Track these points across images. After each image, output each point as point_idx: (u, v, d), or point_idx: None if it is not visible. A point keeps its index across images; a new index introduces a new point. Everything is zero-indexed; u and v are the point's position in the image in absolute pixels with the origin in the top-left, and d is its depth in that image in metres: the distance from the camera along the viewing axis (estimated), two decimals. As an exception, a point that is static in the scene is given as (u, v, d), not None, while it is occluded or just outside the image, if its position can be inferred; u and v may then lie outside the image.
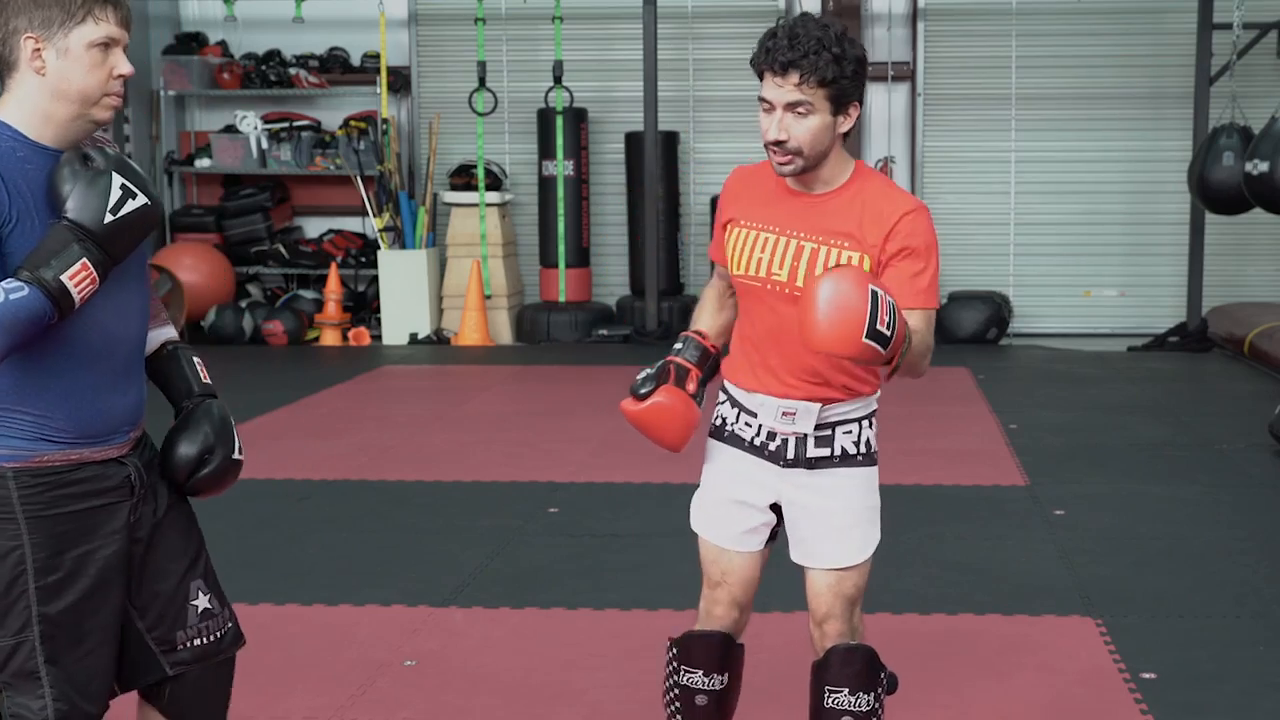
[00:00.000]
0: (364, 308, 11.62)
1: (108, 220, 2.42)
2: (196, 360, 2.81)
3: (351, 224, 12.12)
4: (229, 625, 2.79)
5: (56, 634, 2.52)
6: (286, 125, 11.83)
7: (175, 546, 2.71)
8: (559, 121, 11.20)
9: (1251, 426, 7.45)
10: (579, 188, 11.41)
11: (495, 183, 11.44)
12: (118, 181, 2.44)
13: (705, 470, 3.11)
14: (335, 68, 11.95)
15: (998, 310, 10.92)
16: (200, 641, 2.72)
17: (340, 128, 11.75)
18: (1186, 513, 5.98)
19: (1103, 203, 11.45)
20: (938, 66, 11.56)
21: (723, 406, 3.08)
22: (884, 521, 3.08)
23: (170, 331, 2.81)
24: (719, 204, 3.11)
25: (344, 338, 11.11)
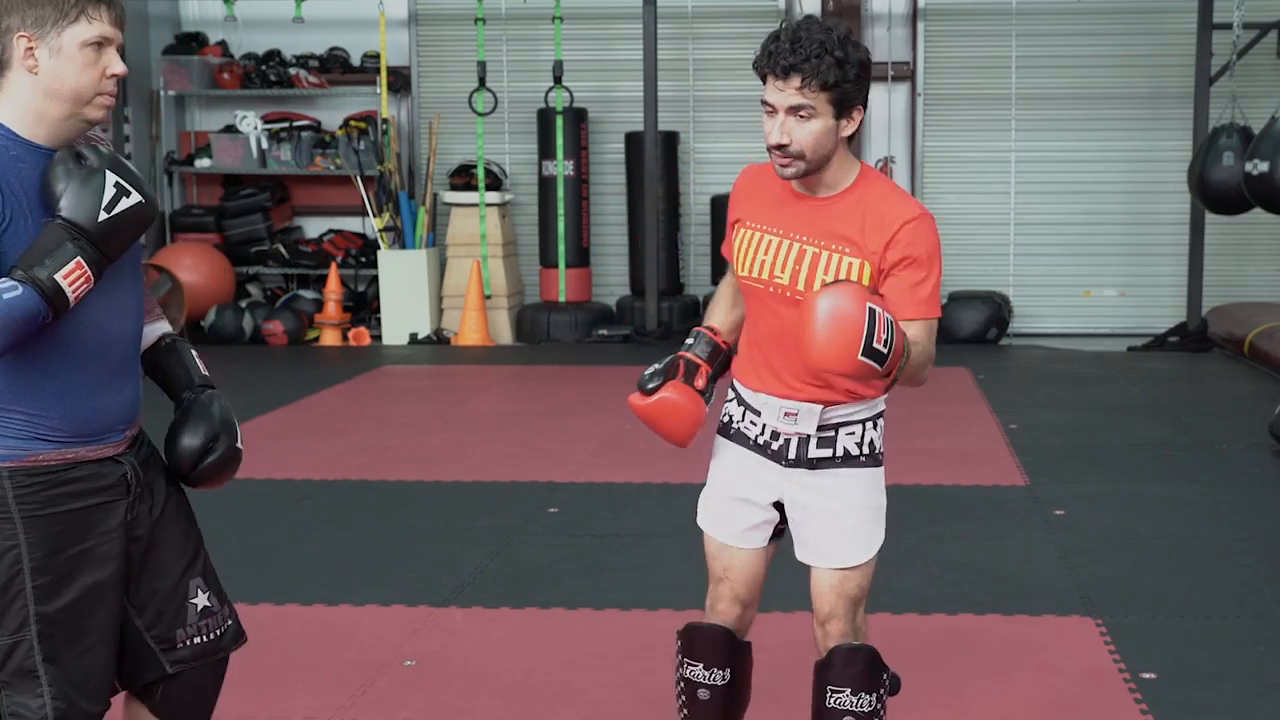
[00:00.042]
0: (364, 308, 11.61)
1: (102, 218, 2.42)
2: (194, 353, 2.82)
3: (351, 224, 12.11)
4: (229, 623, 2.80)
5: (54, 633, 2.52)
6: (286, 125, 11.82)
7: (174, 545, 2.71)
8: (559, 121, 11.20)
9: (1251, 426, 7.45)
10: (579, 188, 11.41)
11: (495, 183, 11.44)
12: (111, 179, 2.44)
13: (712, 466, 3.13)
14: (335, 68, 11.95)
15: (998, 310, 10.92)
16: (200, 640, 2.72)
17: (340, 128, 11.75)
18: (1186, 513, 5.98)
19: (1103, 203, 11.45)
20: (938, 66, 11.55)
21: (730, 404, 3.10)
22: (885, 522, 3.07)
23: (165, 325, 2.82)
24: (730, 202, 3.11)
25: (344, 338, 11.10)
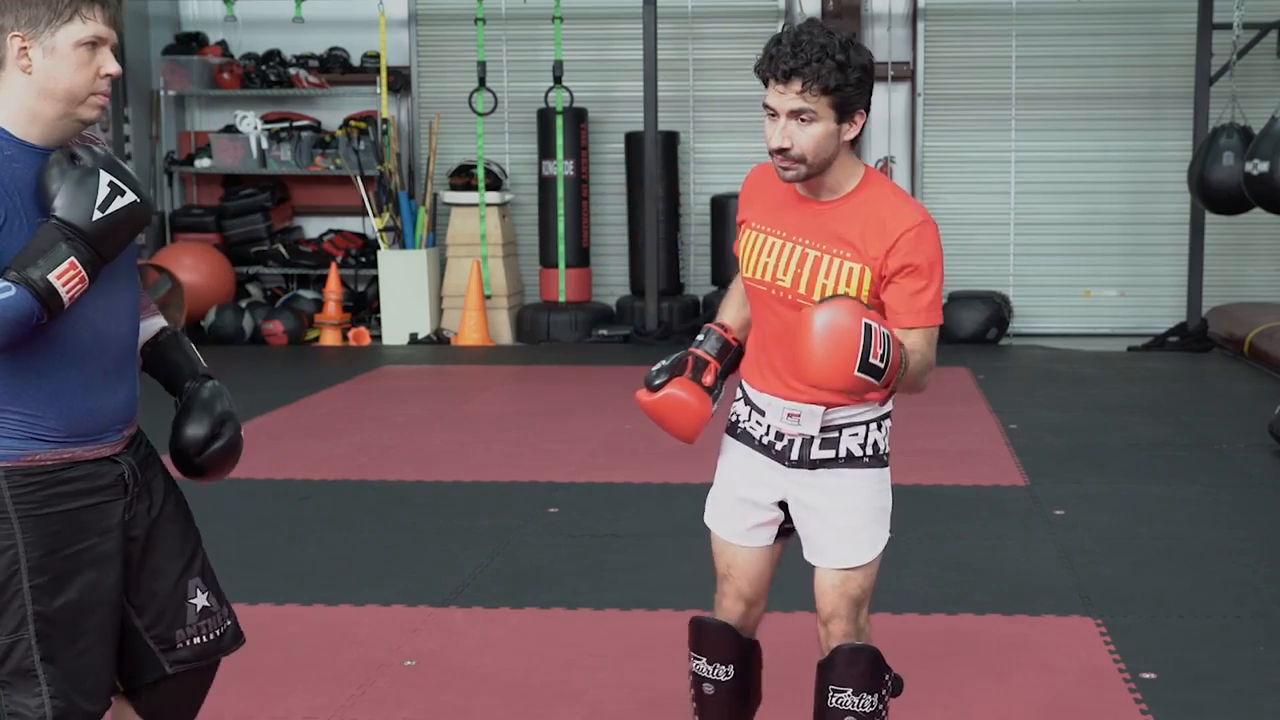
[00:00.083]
0: (364, 308, 11.61)
1: (96, 218, 2.42)
2: (191, 345, 2.85)
3: (351, 224, 12.11)
4: (228, 623, 2.80)
5: (52, 632, 2.53)
6: (286, 125, 11.82)
7: (172, 545, 2.72)
8: (559, 121, 11.20)
9: (1251, 426, 7.45)
10: (579, 188, 11.41)
11: (495, 183, 11.44)
12: (105, 179, 2.44)
13: (719, 464, 3.14)
14: (335, 68, 11.95)
15: (998, 310, 10.92)
16: (199, 640, 2.73)
17: (340, 128, 11.75)
18: (1186, 513, 5.98)
19: (1103, 203, 11.45)
20: (938, 66, 11.55)
21: (738, 404, 3.11)
22: (890, 523, 3.07)
23: (161, 320, 2.84)
24: (739, 201, 3.11)
25: (344, 338, 11.10)
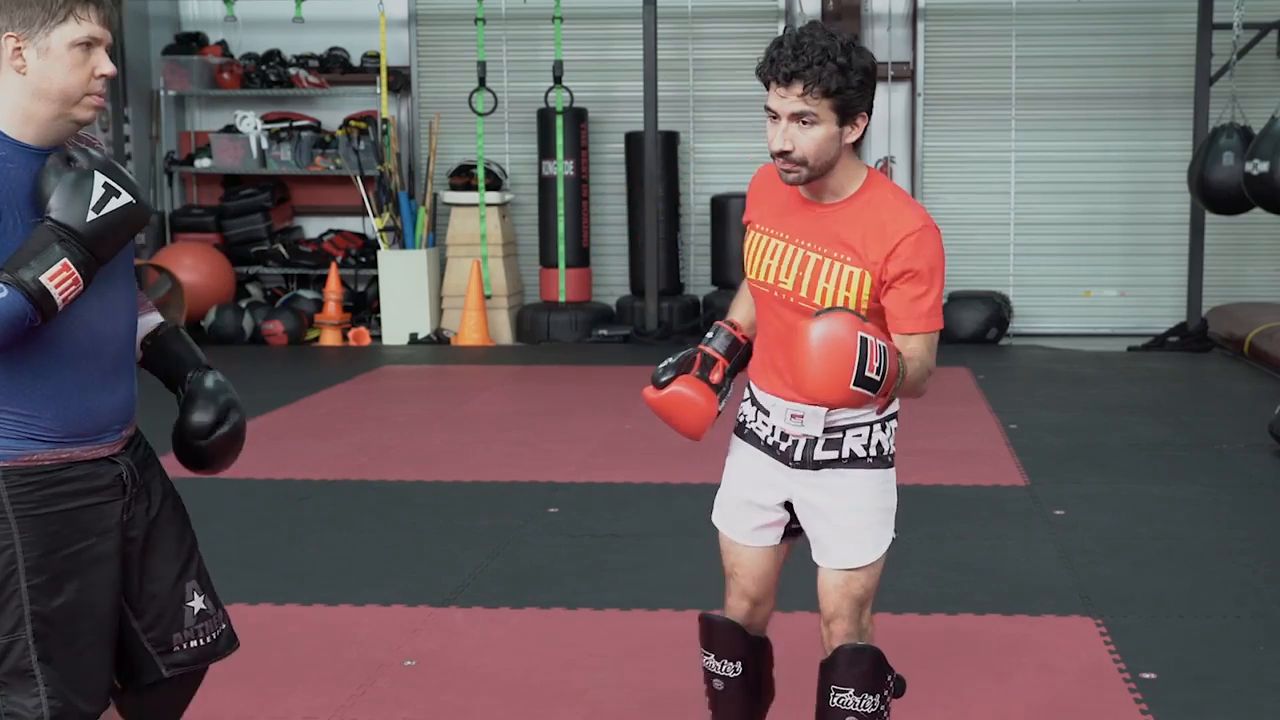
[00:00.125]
0: (364, 308, 11.61)
1: (90, 219, 2.42)
2: (191, 339, 2.87)
3: (351, 224, 12.11)
4: (223, 627, 2.80)
5: (50, 633, 2.53)
6: (286, 125, 11.82)
7: (170, 547, 2.72)
8: (559, 121, 11.19)
9: (1251, 426, 7.45)
10: (579, 188, 11.41)
11: (495, 183, 11.44)
12: (100, 180, 2.44)
13: (727, 464, 3.15)
14: (335, 68, 11.95)
15: (998, 310, 10.92)
16: (196, 643, 2.73)
17: (340, 128, 11.75)
18: (1186, 513, 5.98)
19: (1103, 203, 11.44)
20: (938, 66, 11.55)
21: (745, 404, 3.12)
22: (894, 524, 3.07)
23: (158, 316, 2.85)
24: (746, 201, 3.12)
25: (344, 338, 11.10)
